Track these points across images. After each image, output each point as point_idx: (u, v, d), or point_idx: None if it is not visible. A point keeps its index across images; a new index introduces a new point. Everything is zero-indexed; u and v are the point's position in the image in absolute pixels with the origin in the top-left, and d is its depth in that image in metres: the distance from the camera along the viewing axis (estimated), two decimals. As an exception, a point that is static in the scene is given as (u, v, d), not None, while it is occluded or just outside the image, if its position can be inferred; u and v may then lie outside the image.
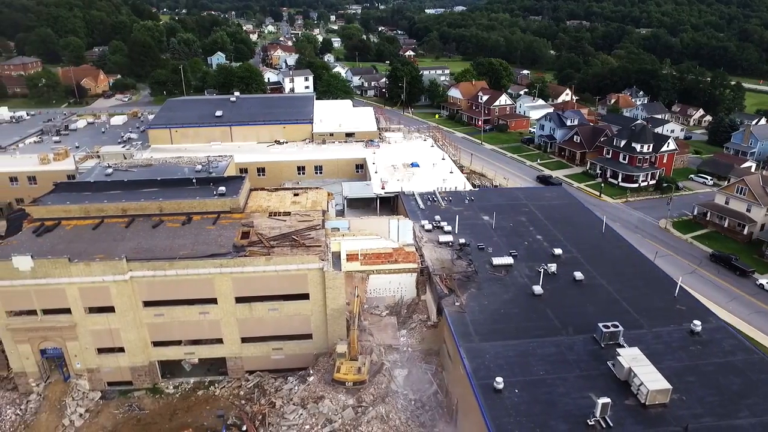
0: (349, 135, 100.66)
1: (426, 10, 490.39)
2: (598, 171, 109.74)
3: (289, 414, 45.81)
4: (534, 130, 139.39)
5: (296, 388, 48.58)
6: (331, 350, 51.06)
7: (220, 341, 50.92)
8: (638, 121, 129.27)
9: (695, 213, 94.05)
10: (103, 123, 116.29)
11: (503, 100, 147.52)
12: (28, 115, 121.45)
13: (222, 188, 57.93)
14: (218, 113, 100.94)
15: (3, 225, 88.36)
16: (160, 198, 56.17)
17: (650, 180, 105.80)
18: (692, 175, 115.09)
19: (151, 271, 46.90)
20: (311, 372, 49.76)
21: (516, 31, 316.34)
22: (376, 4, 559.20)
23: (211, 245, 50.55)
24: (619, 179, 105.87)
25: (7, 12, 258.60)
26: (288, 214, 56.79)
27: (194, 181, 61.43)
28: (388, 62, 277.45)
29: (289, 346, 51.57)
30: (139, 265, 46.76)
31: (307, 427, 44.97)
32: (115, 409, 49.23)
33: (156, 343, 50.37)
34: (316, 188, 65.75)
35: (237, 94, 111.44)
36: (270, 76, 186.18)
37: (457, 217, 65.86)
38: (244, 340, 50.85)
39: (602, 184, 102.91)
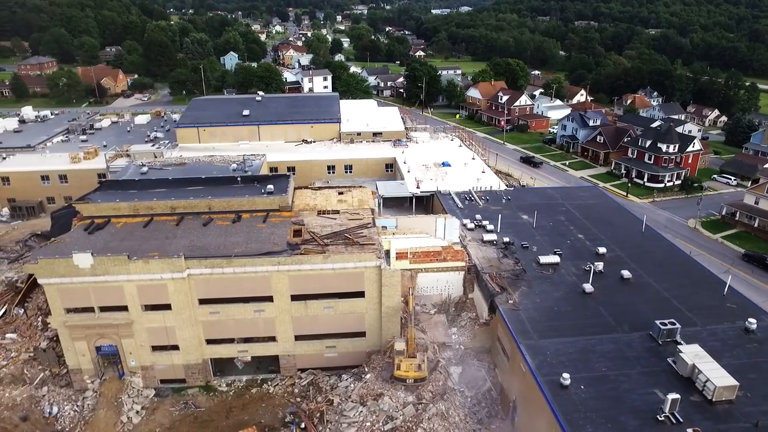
0: (376, 134, 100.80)
1: (432, 11, 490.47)
2: (623, 171, 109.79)
3: (349, 411, 45.86)
4: (554, 130, 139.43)
5: (352, 385, 48.61)
6: (385, 348, 51.16)
7: (273, 339, 50.98)
8: (657, 122, 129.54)
9: (724, 213, 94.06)
10: (127, 122, 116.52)
11: (523, 100, 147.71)
12: (52, 114, 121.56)
13: (270, 186, 58.00)
14: (245, 112, 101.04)
15: (31, 222, 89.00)
16: (210, 196, 56.18)
17: (675, 180, 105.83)
18: (715, 176, 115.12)
19: (208, 269, 46.96)
20: (366, 369, 49.81)
21: (525, 31, 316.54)
22: (382, 5, 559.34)
23: (264, 243, 50.58)
24: (645, 179, 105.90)
25: (20, 12, 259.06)
26: (337, 212, 56.87)
27: (239, 179, 61.51)
28: (399, 62, 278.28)
29: (342, 344, 51.62)
30: (197, 262, 46.82)
31: (368, 424, 45.04)
32: (171, 406, 49.30)
33: (209, 341, 50.42)
34: (360, 187, 65.82)
35: (261, 93, 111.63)
36: (287, 75, 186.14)
37: (500, 216, 65.96)
38: (297, 338, 50.92)
39: (629, 184, 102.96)
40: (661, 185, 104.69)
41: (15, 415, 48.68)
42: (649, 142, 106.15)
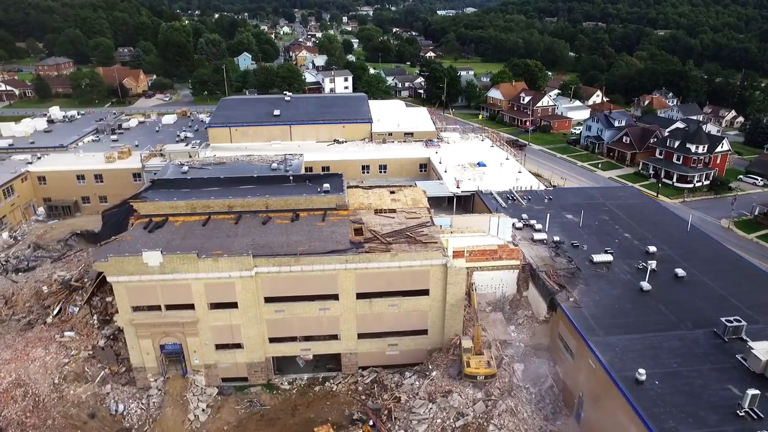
0: (407, 135, 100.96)
1: (438, 12, 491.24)
2: (651, 171, 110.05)
3: (418, 408, 46.01)
4: (576, 130, 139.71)
5: (417, 382, 48.76)
6: (447, 346, 51.31)
7: (335, 337, 51.09)
8: (678, 123, 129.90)
9: (756, 213, 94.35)
10: (154, 122, 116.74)
11: (546, 101, 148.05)
12: (78, 114, 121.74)
13: (326, 185, 58.13)
14: (276, 112, 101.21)
15: (68, 222, 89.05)
16: (267, 195, 56.30)
17: (704, 180, 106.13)
18: (741, 176, 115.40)
19: (276, 267, 47.08)
20: (430, 367, 49.97)
21: (534, 32, 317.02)
22: (387, 6, 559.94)
23: (327, 242, 50.71)
24: (674, 180, 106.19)
25: (34, 14, 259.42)
26: (393, 211, 57.01)
27: (291, 178, 61.65)
28: (409, 63, 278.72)
29: (404, 342, 51.75)
30: (265, 261, 46.93)
31: (439, 420, 45.21)
32: (235, 404, 49.39)
33: (272, 339, 50.52)
34: (411, 186, 66.00)
35: (290, 94, 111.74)
36: (307, 76, 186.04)
37: (548, 215, 66.19)
38: (360, 336, 51.02)
39: (659, 185, 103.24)
40: (690, 186, 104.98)
41: (82, 412, 48.84)
42: (677, 143, 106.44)
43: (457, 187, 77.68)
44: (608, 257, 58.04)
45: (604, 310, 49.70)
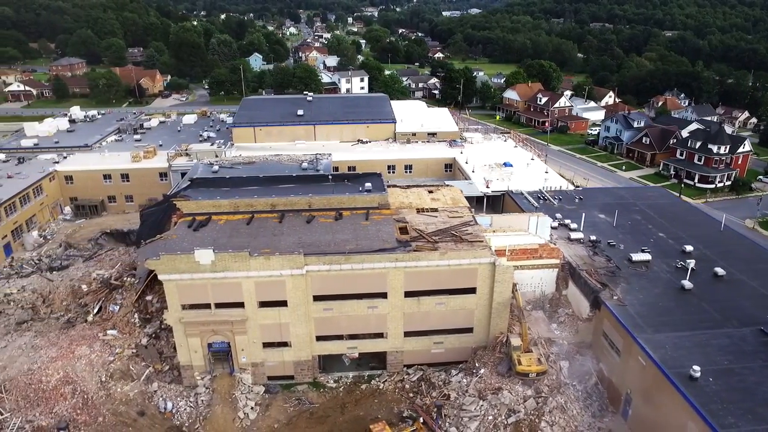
0: (431, 135, 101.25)
1: (443, 13, 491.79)
2: (672, 172, 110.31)
3: (469, 405, 46.26)
4: (593, 131, 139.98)
5: (465, 380, 48.99)
6: (493, 343, 51.54)
7: (381, 335, 51.29)
8: (694, 124, 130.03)
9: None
10: (174, 122, 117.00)
11: (563, 102, 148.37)
12: (99, 114, 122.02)
13: (368, 184, 58.37)
14: (300, 112, 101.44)
15: (96, 221, 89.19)
16: (310, 194, 56.53)
17: (726, 181, 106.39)
18: (760, 177, 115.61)
19: (326, 266, 47.28)
20: (477, 365, 50.20)
21: (541, 33, 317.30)
22: (392, 7, 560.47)
23: (374, 240, 50.95)
24: (696, 180, 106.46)
25: (44, 15, 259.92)
26: (435, 210, 57.25)
27: (330, 177, 61.92)
28: (418, 64, 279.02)
29: (449, 340, 51.97)
30: (316, 259, 47.14)
31: (490, 417, 45.48)
32: (284, 402, 49.57)
33: (319, 338, 50.73)
34: (447, 185, 66.24)
35: (311, 94, 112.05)
36: (322, 76, 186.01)
37: (584, 215, 66.42)
38: (407, 334, 51.22)
39: (682, 185, 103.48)
40: (712, 186, 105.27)
41: (131, 410, 49.03)
42: (698, 143, 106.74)
43: (487, 186, 77.88)
44: (647, 256, 58.30)
45: (648, 308, 49.96)
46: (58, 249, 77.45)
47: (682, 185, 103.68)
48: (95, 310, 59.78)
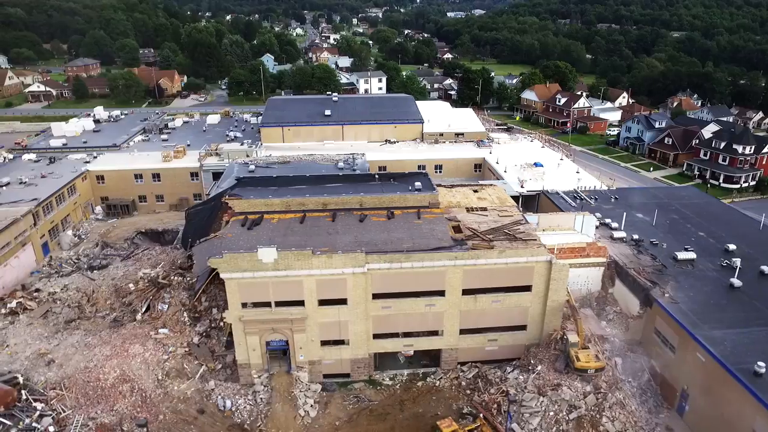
0: (458, 135, 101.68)
1: (447, 14, 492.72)
2: (696, 172, 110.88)
3: (529, 401, 46.65)
4: (611, 132, 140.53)
5: (521, 377, 49.40)
6: (547, 340, 51.94)
7: (436, 333, 51.66)
8: (712, 125, 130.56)
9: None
10: (198, 122, 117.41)
11: (582, 102, 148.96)
12: (122, 114, 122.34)
13: (418, 183, 58.76)
14: (327, 112, 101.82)
15: (129, 221, 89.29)
16: (361, 193, 56.91)
17: (751, 181, 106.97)
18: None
19: (387, 264, 47.64)
20: (533, 362, 50.61)
21: (548, 34, 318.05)
22: (396, 8, 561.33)
23: (429, 239, 51.34)
24: (720, 180, 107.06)
25: (56, 16, 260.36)
26: (484, 209, 57.64)
27: (377, 176, 62.28)
28: (427, 65, 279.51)
29: (503, 338, 52.36)
30: (377, 257, 47.50)
31: (551, 413, 45.90)
32: (342, 400, 49.89)
33: (376, 336, 51.06)
34: (491, 185, 66.65)
35: (335, 94, 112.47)
36: (340, 77, 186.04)
37: (625, 214, 66.91)
38: (462, 331, 51.59)
39: (708, 185, 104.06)
40: (737, 186, 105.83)
41: (190, 408, 49.32)
42: (723, 144, 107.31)
43: (522, 186, 78.28)
44: (692, 255, 58.87)
45: (700, 306, 50.48)
46: (95, 248, 77.71)
47: (708, 185, 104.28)
48: (143, 309, 60.08)
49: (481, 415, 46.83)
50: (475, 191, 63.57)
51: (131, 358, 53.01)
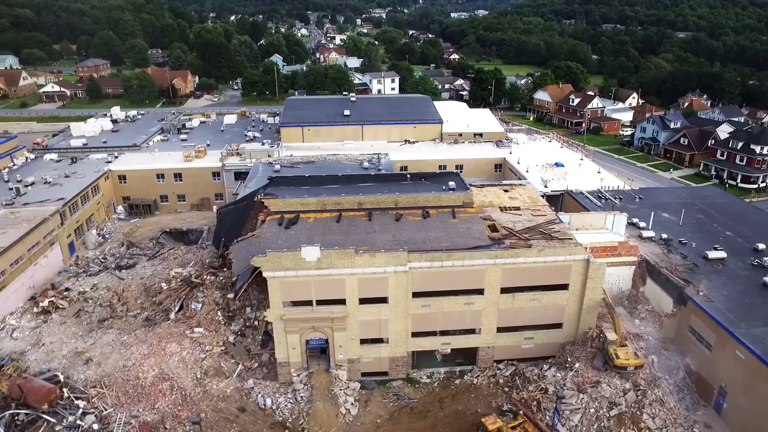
0: (477, 135, 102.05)
1: (451, 14, 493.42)
2: (713, 172, 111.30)
3: (570, 398, 46.98)
4: (624, 132, 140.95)
5: (559, 374, 49.77)
6: (583, 338, 52.31)
7: (473, 331, 52.04)
8: (725, 125, 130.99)
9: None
10: (215, 122, 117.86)
11: (595, 102, 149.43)
12: (138, 114, 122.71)
13: (452, 183, 59.15)
14: (346, 112, 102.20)
15: (152, 220, 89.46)
16: (396, 192, 57.27)
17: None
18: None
19: (428, 262, 48.01)
20: (569, 359, 51.00)
21: (554, 34, 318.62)
22: (399, 8, 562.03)
23: (467, 238, 51.73)
24: (738, 180, 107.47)
25: (65, 16, 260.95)
26: (518, 208, 58.02)
27: (408, 176, 62.65)
28: (433, 65, 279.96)
29: (539, 336, 52.74)
30: (418, 256, 47.87)
31: (592, 410, 46.27)
32: (381, 398, 50.22)
33: (414, 334, 51.43)
34: (521, 184, 67.02)
35: (353, 94, 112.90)
36: (354, 77, 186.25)
37: (652, 213, 67.30)
38: (499, 329, 51.97)
39: (726, 185, 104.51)
40: (755, 186, 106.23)
41: (231, 406, 49.63)
42: (740, 144, 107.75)
43: (545, 186, 78.62)
44: (722, 254, 59.22)
45: (736, 304, 50.77)
46: (120, 248, 78.03)
47: (726, 185, 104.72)
48: (176, 308, 60.41)
49: (521, 412, 47.17)
50: (506, 191, 63.97)
51: (169, 356, 53.33)
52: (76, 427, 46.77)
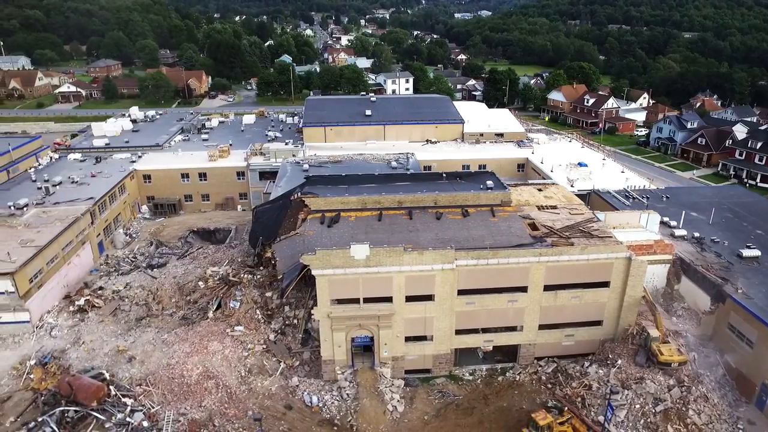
0: (498, 135, 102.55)
1: (455, 15, 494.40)
2: (732, 172, 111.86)
3: (614, 394, 47.40)
4: (640, 132, 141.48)
5: (602, 371, 50.20)
6: (623, 335, 52.76)
7: (514, 329, 52.49)
8: (739, 125, 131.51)
9: None
10: (234, 122, 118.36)
11: (610, 103, 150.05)
12: (157, 114, 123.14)
13: (489, 182, 59.60)
14: (368, 112, 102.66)
15: (177, 219, 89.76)
16: (436, 191, 57.71)
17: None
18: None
19: (474, 260, 48.46)
20: (610, 356, 51.46)
21: (560, 35, 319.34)
22: (403, 9, 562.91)
23: (509, 236, 52.21)
24: (757, 180, 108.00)
25: (73, 17, 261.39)
26: (555, 207, 58.48)
27: (444, 175, 63.10)
28: (441, 65, 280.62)
29: (579, 333, 53.18)
30: (465, 254, 48.33)
31: (637, 406, 46.71)
32: (426, 395, 50.63)
33: (458, 331, 51.87)
34: (553, 183, 67.47)
35: (373, 95, 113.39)
36: (369, 77, 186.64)
37: (683, 212, 67.81)
38: (540, 327, 52.42)
39: (747, 185, 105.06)
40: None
41: (277, 404, 50.01)
42: (759, 144, 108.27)
43: (572, 186, 79.04)
44: (756, 252, 59.76)
45: (775, 301, 51.29)
46: (149, 247, 78.45)
47: (747, 185, 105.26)
48: (214, 307, 60.78)
49: (566, 408, 47.59)
50: (540, 190, 64.42)
51: (211, 355, 53.67)
52: (125, 424, 47.08)
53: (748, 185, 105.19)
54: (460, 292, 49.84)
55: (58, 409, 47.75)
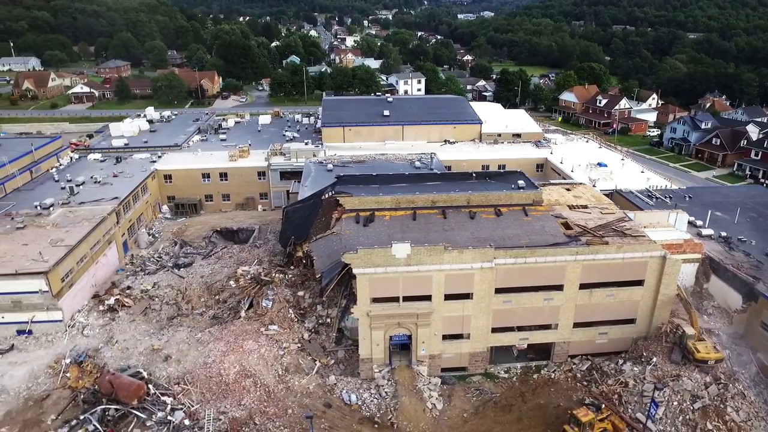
0: (515, 135, 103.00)
1: (458, 16, 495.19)
2: (747, 172, 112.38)
3: (651, 392, 47.81)
4: (652, 132, 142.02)
5: (637, 368, 50.61)
6: (657, 333, 53.18)
7: (549, 327, 52.89)
8: (751, 125, 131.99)
9: None
10: (249, 122, 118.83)
11: (623, 103, 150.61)
12: (173, 114, 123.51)
13: (521, 182, 60.03)
14: (386, 113, 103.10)
15: (198, 219, 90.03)
16: (469, 191, 58.11)
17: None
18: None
19: (512, 259, 48.87)
20: (645, 354, 51.85)
21: (565, 36, 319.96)
22: (406, 10, 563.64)
23: (544, 235, 52.64)
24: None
25: (81, 18, 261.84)
26: (586, 206, 58.90)
27: (473, 175, 63.50)
28: (447, 66, 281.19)
29: (612, 331, 53.62)
30: (503, 252, 48.73)
31: (675, 403, 47.11)
32: (463, 393, 50.99)
33: (494, 329, 52.26)
34: (581, 183, 67.88)
35: (389, 95, 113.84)
36: (381, 78, 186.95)
37: (709, 212, 68.26)
38: (575, 325, 52.82)
39: (765, 185, 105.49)
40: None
41: (316, 402, 50.32)
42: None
43: (594, 186, 79.43)
44: (786, 251, 60.24)
45: (809, 300, 51.69)
46: (174, 247, 78.75)
47: (765, 185, 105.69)
48: (246, 306, 61.09)
49: (604, 405, 47.98)
50: (568, 189, 64.84)
51: (247, 353, 53.96)
52: (166, 422, 47.39)
53: (765, 185, 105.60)
54: (498, 291, 50.25)
55: (99, 407, 48.06)
